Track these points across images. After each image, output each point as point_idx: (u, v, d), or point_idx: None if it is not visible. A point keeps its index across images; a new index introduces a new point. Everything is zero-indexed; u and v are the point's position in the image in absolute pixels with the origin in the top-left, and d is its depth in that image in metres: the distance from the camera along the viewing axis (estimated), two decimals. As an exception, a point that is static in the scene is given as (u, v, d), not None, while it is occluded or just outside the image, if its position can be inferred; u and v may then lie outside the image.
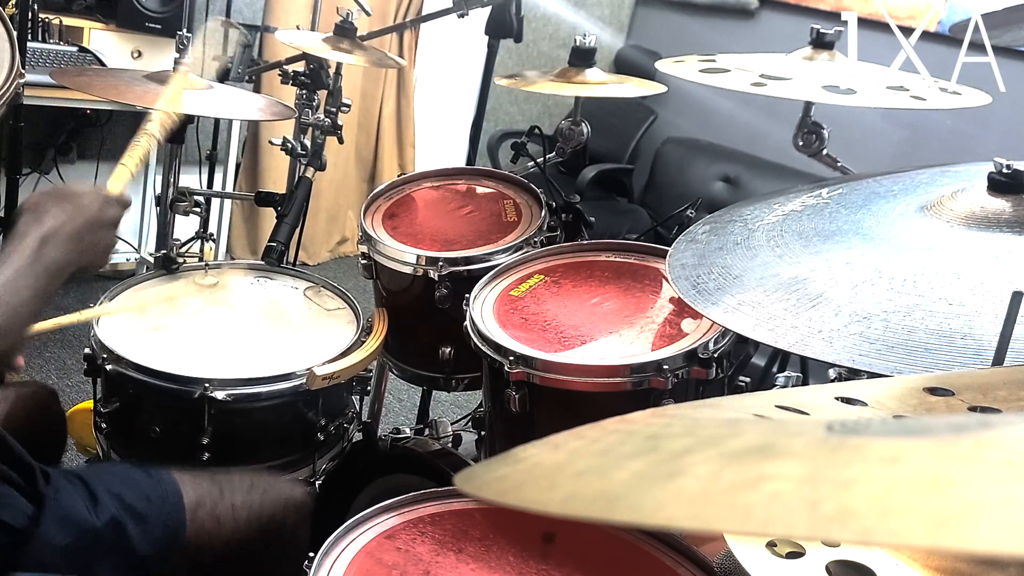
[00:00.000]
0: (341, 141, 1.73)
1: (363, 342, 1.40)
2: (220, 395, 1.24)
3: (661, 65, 1.24)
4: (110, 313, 1.40)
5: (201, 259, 1.67)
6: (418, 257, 1.40)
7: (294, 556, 1.13)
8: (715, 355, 1.05)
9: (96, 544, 1.00)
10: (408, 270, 1.42)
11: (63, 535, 0.98)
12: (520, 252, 1.38)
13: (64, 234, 0.99)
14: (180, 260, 1.57)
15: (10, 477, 0.99)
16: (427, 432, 1.58)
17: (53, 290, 0.94)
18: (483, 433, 1.36)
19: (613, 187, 3.92)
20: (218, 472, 1.18)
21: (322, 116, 1.68)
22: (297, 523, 1.16)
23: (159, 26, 2.83)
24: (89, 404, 1.80)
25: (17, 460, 1.02)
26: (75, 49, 2.71)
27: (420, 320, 1.48)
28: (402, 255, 1.42)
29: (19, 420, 1.24)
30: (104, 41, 2.82)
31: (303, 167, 1.66)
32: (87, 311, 1.35)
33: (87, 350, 1.34)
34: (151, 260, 2.08)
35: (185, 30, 2.34)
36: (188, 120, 1.62)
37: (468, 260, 1.39)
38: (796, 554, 0.65)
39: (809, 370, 1.40)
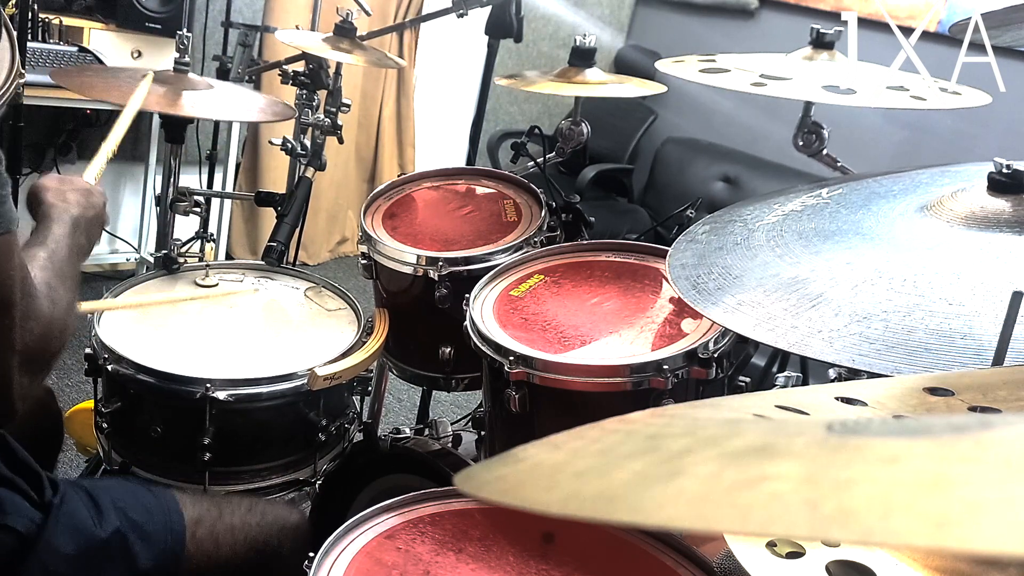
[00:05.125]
0: (341, 141, 1.73)
1: (364, 342, 1.40)
2: (222, 395, 1.24)
3: (661, 65, 1.24)
4: (112, 307, 1.40)
5: (201, 259, 1.67)
6: (418, 257, 1.40)
7: None
8: (715, 355, 1.05)
9: (100, 555, 1.00)
10: (408, 270, 1.42)
11: (69, 544, 0.98)
12: (520, 252, 1.38)
13: (86, 223, 1.07)
14: (180, 260, 1.57)
15: (17, 484, 0.99)
16: (427, 432, 1.58)
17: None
18: (483, 433, 1.36)
19: (613, 187, 3.92)
20: (217, 494, 1.18)
21: (322, 116, 1.68)
22: (293, 549, 1.16)
23: (159, 26, 2.83)
24: (89, 404, 1.80)
25: (24, 467, 1.02)
26: (75, 49, 2.71)
27: (420, 320, 1.48)
28: (402, 255, 1.42)
29: (17, 418, 1.24)
30: (104, 41, 2.82)
31: (303, 167, 1.67)
32: (87, 304, 1.35)
33: (88, 350, 1.34)
34: (151, 260, 2.08)
35: (185, 30, 2.34)
36: (188, 120, 1.62)
37: (468, 260, 1.39)
38: (796, 554, 0.65)
39: (809, 370, 1.40)
